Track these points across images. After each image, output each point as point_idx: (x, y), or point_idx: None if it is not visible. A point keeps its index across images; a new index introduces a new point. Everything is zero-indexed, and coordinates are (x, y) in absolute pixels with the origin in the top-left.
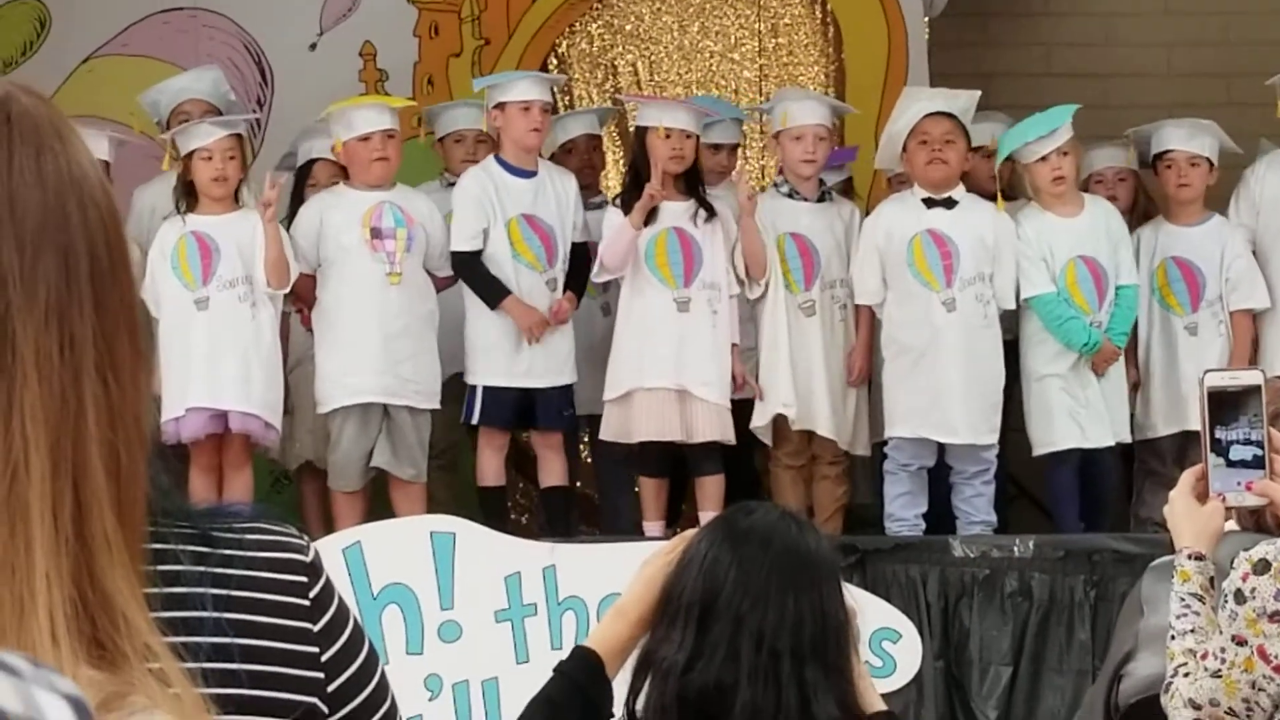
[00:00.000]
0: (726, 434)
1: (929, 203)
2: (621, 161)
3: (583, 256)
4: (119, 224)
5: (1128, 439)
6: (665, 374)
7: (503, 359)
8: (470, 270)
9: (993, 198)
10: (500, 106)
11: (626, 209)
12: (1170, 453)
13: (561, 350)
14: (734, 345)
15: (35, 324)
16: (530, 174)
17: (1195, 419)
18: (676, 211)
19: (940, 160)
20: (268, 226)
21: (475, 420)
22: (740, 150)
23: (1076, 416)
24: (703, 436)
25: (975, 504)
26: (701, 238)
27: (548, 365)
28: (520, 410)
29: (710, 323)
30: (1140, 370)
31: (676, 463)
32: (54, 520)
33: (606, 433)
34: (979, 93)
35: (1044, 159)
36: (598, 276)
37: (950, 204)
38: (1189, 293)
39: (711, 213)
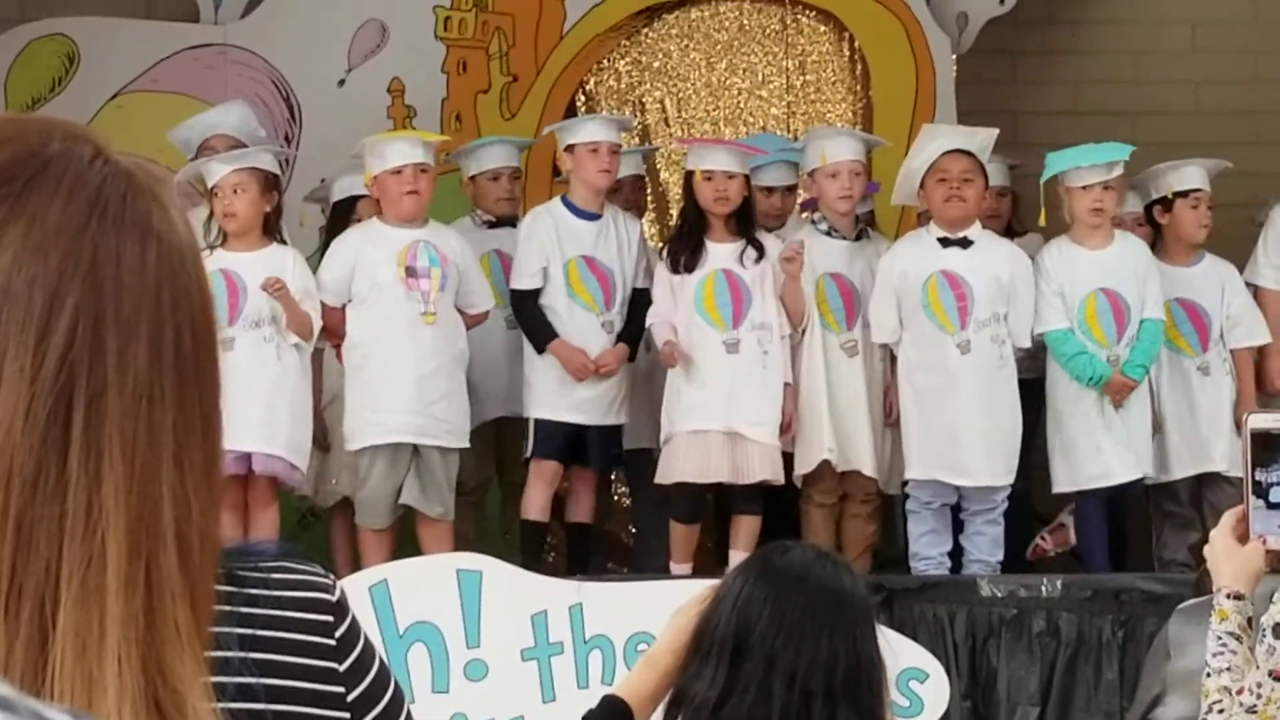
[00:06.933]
0: (777, 474)
1: (944, 242)
2: (650, 200)
3: (643, 303)
4: (210, 320)
5: (1152, 472)
6: (714, 416)
7: (553, 394)
8: (524, 310)
9: (1007, 234)
10: (570, 149)
11: (674, 259)
12: (1186, 493)
13: (611, 391)
14: (788, 385)
15: (124, 405)
16: (595, 216)
17: (1214, 460)
18: (724, 253)
19: (958, 198)
20: (284, 306)
21: (528, 454)
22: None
23: (1100, 454)
24: (753, 477)
25: (976, 542)
26: (750, 279)
27: (599, 404)
28: (569, 444)
29: (761, 363)
30: (1156, 413)
31: (724, 504)
32: (126, 604)
33: (657, 475)
34: (997, 130)
35: (1086, 188)
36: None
37: (965, 243)
38: (1197, 334)
39: (761, 253)
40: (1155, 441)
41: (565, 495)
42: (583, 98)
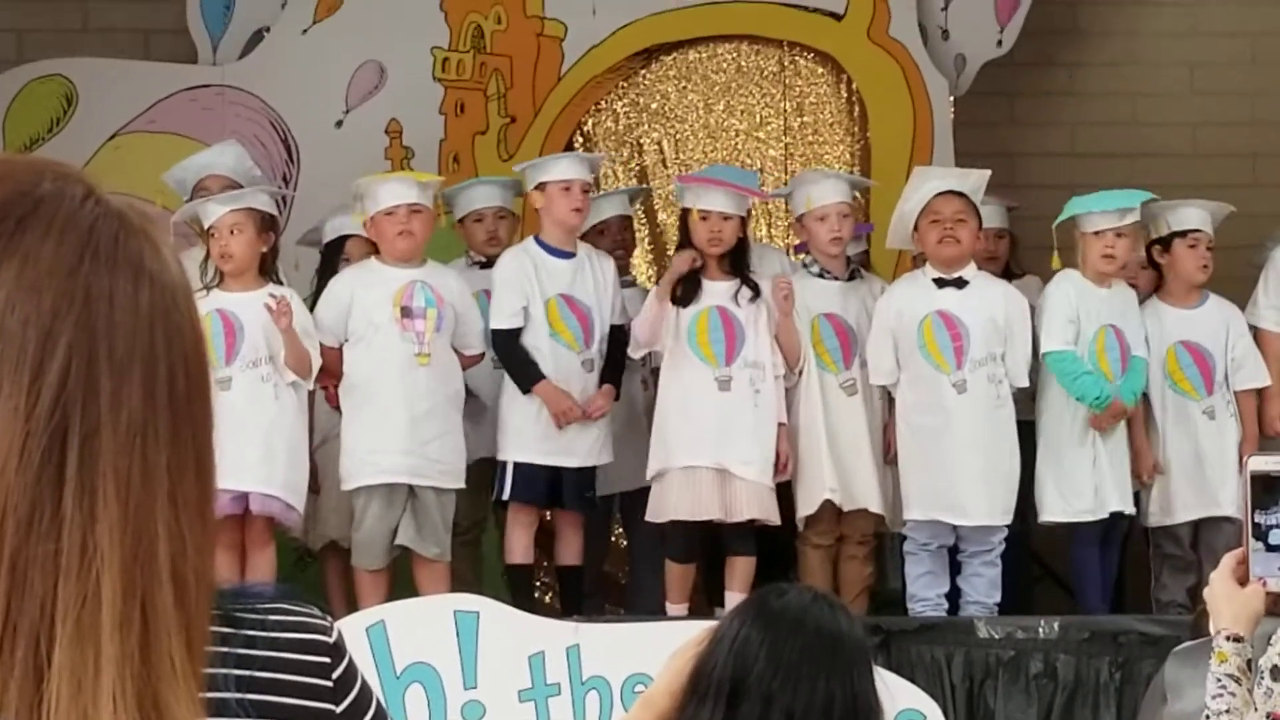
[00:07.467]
0: (768, 513)
1: (940, 283)
2: (648, 240)
3: (621, 340)
4: (203, 359)
5: (1132, 509)
6: (704, 453)
7: (534, 437)
8: (507, 350)
9: (1005, 275)
10: (541, 187)
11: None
12: (1186, 536)
13: (593, 433)
14: (781, 425)
15: (118, 444)
16: (569, 255)
17: (1221, 504)
18: (719, 291)
19: (952, 239)
20: (285, 336)
21: (505, 496)
22: (751, 220)
23: (1092, 487)
24: (742, 515)
25: (974, 584)
26: (745, 317)
27: (578, 447)
28: (551, 488)
29: (753, 402)
30: (1159, 457)
31: (715, 544)
32: (122, 643)
33: (648, 513)
34: (989, 172)
35: (1099, 234)
36: (634, 351)
37: (961, 284)
38: (1202, 377)
39: (756, 292)
40: (1158, 484)
41: (554, 534)
42: (580, 139)
